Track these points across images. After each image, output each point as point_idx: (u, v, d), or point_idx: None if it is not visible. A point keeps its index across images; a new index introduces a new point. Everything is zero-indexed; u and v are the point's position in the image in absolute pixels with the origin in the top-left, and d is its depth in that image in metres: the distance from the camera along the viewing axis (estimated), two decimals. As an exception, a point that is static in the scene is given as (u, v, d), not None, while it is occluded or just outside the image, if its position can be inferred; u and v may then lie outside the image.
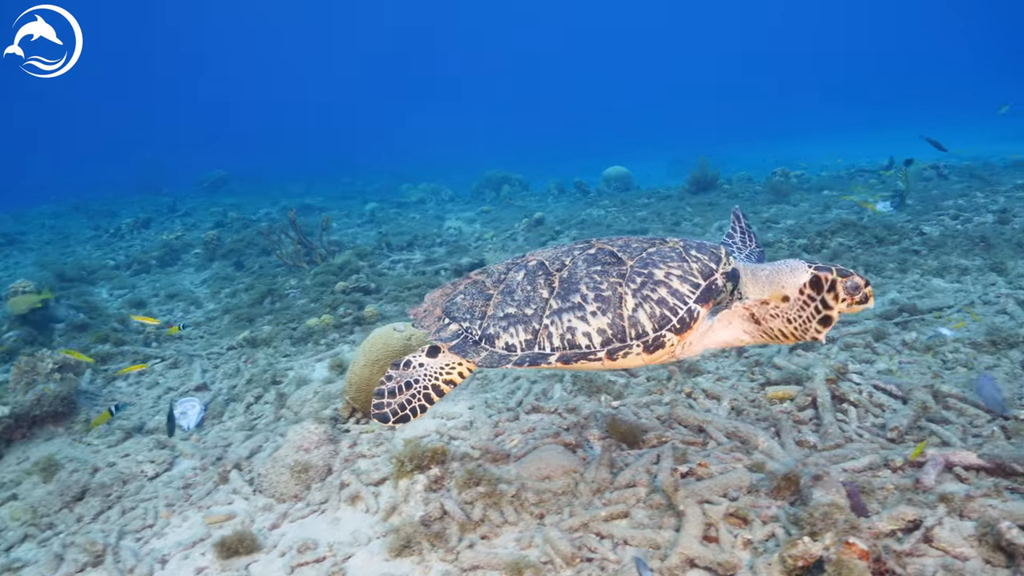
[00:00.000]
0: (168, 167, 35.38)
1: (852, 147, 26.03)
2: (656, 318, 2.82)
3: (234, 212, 19.12)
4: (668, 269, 2.91)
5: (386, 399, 3.24)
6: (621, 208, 14.31)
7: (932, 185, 13.24)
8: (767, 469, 3.64)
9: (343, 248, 11.96)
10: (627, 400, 4.89)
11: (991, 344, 4.99)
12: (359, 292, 8.60)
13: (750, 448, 3.96)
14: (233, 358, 7.16)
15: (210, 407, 5.95)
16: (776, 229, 10.15)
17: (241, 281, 10.83)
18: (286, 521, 4.11)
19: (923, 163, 15.74)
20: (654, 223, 11.75)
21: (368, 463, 4.53)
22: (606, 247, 3.12)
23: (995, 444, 3.59)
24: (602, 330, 2.86)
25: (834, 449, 3.83)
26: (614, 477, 3.79)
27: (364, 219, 17.69)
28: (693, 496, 3.36)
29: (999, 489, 3.11)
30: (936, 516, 2.93)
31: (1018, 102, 18.25)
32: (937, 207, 10.37)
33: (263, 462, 4.60)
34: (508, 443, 4.48)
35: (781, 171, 16.55)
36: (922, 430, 3.92)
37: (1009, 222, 8.86)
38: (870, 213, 10.32)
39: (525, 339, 2.99)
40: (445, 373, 3.25)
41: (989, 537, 2.77)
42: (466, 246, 11.94)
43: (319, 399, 5.55)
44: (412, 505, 3.87)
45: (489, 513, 3.66)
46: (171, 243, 14.15)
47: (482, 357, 3.07)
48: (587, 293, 2.93)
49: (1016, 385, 4.37)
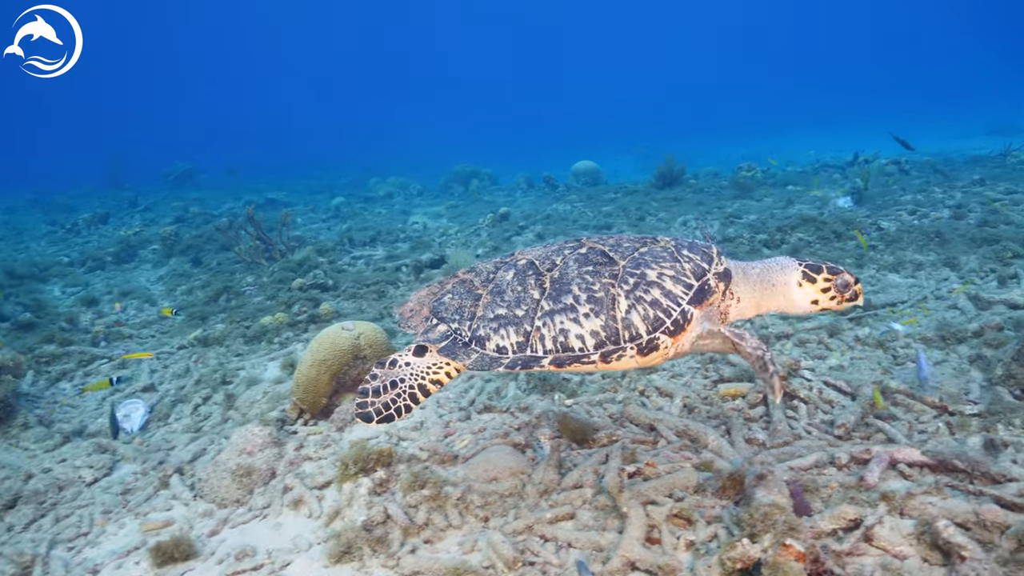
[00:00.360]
0: (135, 161, 34.63)
1: (832, 141, 26.39)
2: (650, 320, 2.78)
3: (196, 207, 18.70)
4: (661, 270, 2.87)
5: (370, 398, 3.14)
6: (587, 203, 14.28)
7: (893, 180, 13.43)
8: (715, 468, 3.60)
9: (304, 244, 11.75)
10: (580, 398, 4.83)
11: (941, 339, 5.03)
12: (316, 289, 8.43)
13: (700, 447, 3.92)
14: (183, 358, 6.97)
15: (156, 409, 5.77)
16: (738, 224, 10.19)
17: (198, 278, 10.57)
18: (226, 527, 3.98)
19: (884, 159, 15.99)
20: (619, 218, 11.74)
21: (314, 466, 4.41)
22: (597, 246, 3.06)
23: (939, 440, 3.60)
24: (595, 332, 2.80)
25: (782, 447, 3.81)
26: (562, 478, 3.72)
27: (329, 214, 17.43)
28: (638, 497, 3.30)
29: (940, 486, 3.10)
30: (877, 515, 2.91)
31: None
32: (896, 202, 10.50)
33: (204, 466, 4.46)
34: (458, 444, 4.40)
35: (747, 166, 16.68)
36: (869, 427, 3.92)
37: (964, 217, 9.00)
38: (830, 208, 10.42)
39: (517, 341, 2.92)
40: (432, 373, 3.16)
41: (927, 536, 2.76)
42: (429, 242, 11.80)
43: (268, 400, 5.41)
44: (355, 509, 3.77)
45: (433, 516, 3.57)
46: (128, 239, 13.77)
47: (473, 359, 2.99)
48: (579, 294, 2.87)
49: (963, 380, 4.40)
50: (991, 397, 4.03)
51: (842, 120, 37.45)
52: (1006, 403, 3.90)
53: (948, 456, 3.31)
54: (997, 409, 3.85)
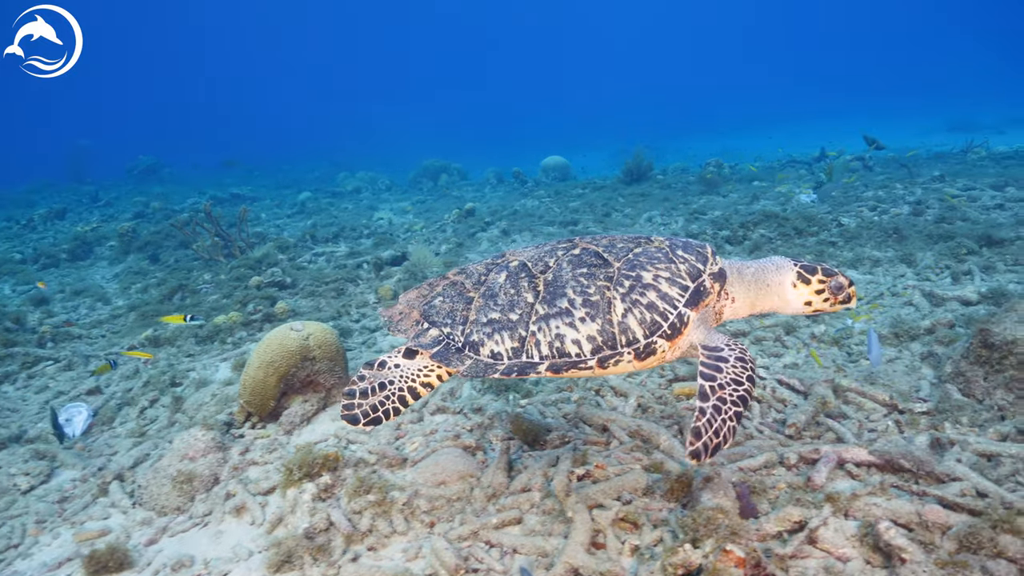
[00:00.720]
0: (100, 155, 33.79)
1: (805, 137, 26.60)
2: (646, 324, 2.71)
3: (158, 202, 18.26)
4: (656, 271, 2.80)
5: (357, 399, 3.01)
6: (555, 199, 14.22)
7: (857, 176, 13.56)
8: (664, 469, 3.55)
9: (266, 240, 11.51)
10: (535, 398, 4.76)
11: (894, 336, 5.05)
12: (274, 287, 8.24)
13: (651, 447, 3.87)
14: (133, 359, 6.75)
15: (101, 412, 5.58)
16: (702, 220, 10.20)
17: (154, 276, 10.29)
18: (165, 536, 3.84)
19: (849, 155, 16.18)
20: (585, 214, 11.68)
21: (259, 471, 4.27)
22: (590, 247, 2.98)
23: (888, 439, 3.59)
24: (592, 337, 2.72)
25: (733, 447, 3.77)
26: (511, 481, 3.65)
27: (295, 209, 17.15)
28: (585, 501, 3.25)
29: (885, 487, 3.09)
30: (821, 516, 2.88)
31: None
32: (858, 198, 10.59)
33: (145, 472, 4.30)
34: (408, 447, 4.30)
35: (715, 162, 16.76)
36: (819, 425, 3.90)
37: (922, 214, 9.10)
38: (793, 204, 10.48)
39: (512, 347, 2.83)
40: (423, 375, 3.06)
41: (869, 538, 2.73)
42: (394, 238, 11.63)
43: (217, 402, 5.25)
44: (298, 516, 3.66)
45: (378, 523, 3.47)
46: (84, 235, 13.39)
47: (467, 366, 2.89)
48: (575, 297, 2.79)
49: (914, 378, 4.41)
50: (940, 395, 4.05)
51: (815, 116, 37.93)
52: (954, 401, 3.92)
53: (895, 455, 3.30)
54: (945, 407, 3.86)
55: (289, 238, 11.72)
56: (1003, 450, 3.33)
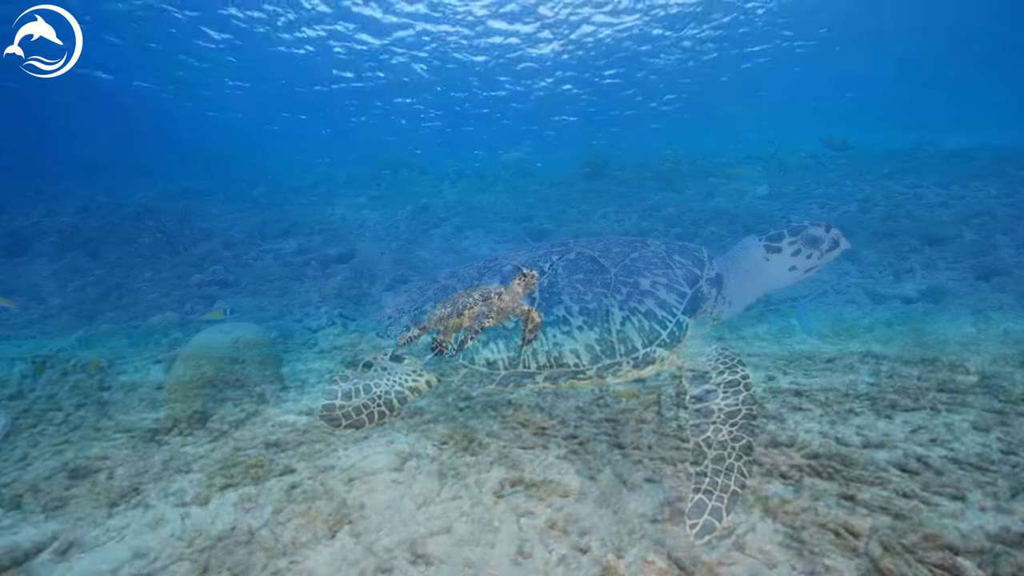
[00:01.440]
0: (51, 148, 32.60)
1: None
2: (645, 332, 2.61)
3: (105, 196, 17.64)
4: (654, 278, 2.70)
5: (339, 401, 2.86)
6: (512, 194, 14.14)
7: (810, 174, 13.75)
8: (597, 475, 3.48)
9: (212, 236, 11.17)
10: (475, 401, 4.65)
11: (834, 335, 5.07)
12: (215, 285, 7.99)
13: (586, 452, 3.79)
14: (60, 361, 6.45)
15: (20, 419, 5.29)
16: (655, 217, 10.21)
17: (93, 273, 9.91)
18: (76, 551, 3.63)
19: (803, 152, 16.42)
20: (540, 209, 11.63)
21: (183, 480, 4.08)
22: (586, 251, 2.87)
23: (821, 441, 3.57)
24: (590, 346, 2.61)
25: (668, 451, 3.71)
26: (441, 488, 3.54)
27: (248, 204, 16.74)
28: (513, 510, 3.15)
29: (815, 491, 3.06)
30: (750, 522, 2.84)
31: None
32: (808, 196, 10.72)
33: (60, 482, 4.08)
34: (340, 452, 4.14)
35: (671, 151, 16.82)
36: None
37: (869, 211, 9.23)
38: (745, 202, 10.56)
39: (508, 356, 2.68)
40: (412, 380, 2.92)
41: (795, 543, 2.70)
42: (345, 233, 11.41)
43: (145, 407, 5.03)
44: (219, 527, 3.49)
45: (301, 534, 3.33)
46: (23, 230, 12.84)
47: (462, 375, 2.74)
48: (571, 305, 2.67)
49: (852, 378, 4.42)
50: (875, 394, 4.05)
51: (779, 115, 38.35)
52: (888, 401, 3.92)
53: (827, 458, 3.28)
54: (880, 407, 3.86)
55: (236, 234, 11.41)
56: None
